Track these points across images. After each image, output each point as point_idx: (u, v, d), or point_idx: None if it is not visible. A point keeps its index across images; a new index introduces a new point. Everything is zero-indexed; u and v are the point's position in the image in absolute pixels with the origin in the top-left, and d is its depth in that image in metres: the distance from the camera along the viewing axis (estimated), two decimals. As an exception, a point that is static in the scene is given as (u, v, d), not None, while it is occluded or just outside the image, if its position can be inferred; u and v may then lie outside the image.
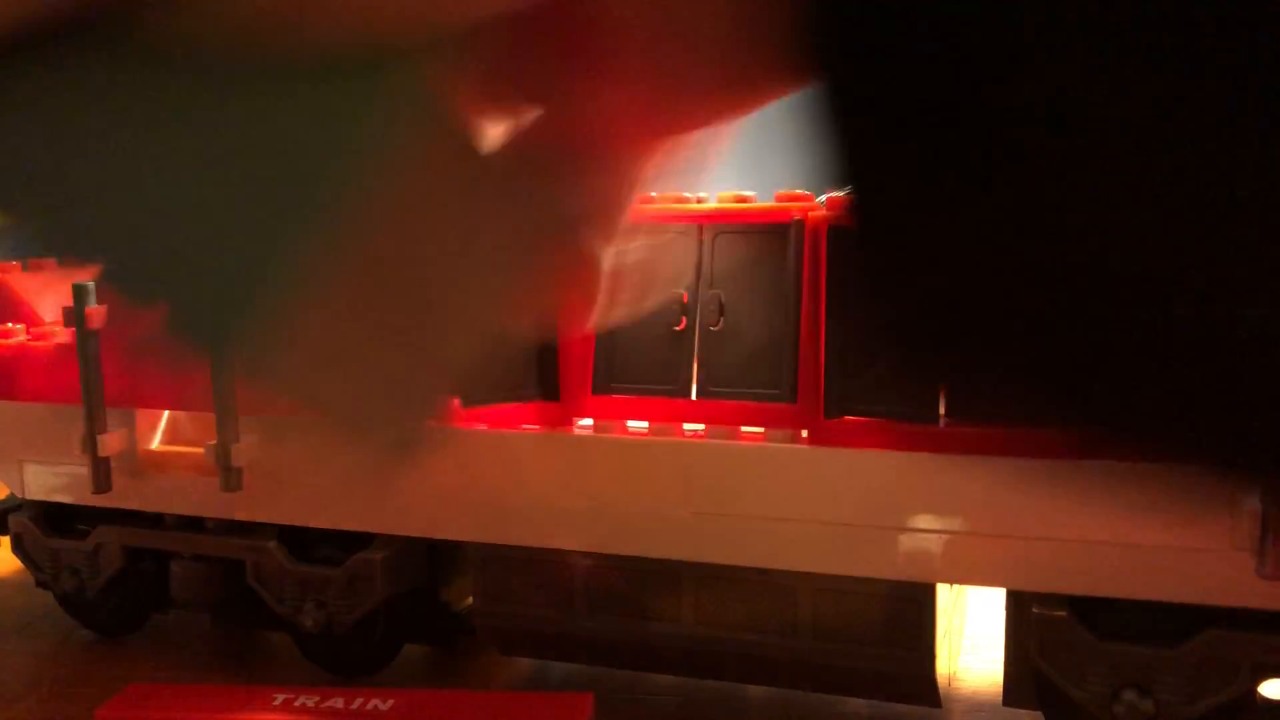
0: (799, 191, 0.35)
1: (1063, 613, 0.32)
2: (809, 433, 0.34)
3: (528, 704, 0.36)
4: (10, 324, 0.45)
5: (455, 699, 0.37)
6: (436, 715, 0.35)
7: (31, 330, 0.44)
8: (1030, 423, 0.17)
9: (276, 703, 0.36)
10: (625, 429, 0.36)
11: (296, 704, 0.36)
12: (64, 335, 0.44)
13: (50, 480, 0.44)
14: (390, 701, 0.36)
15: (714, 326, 0.35)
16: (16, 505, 0.47)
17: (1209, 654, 0.31)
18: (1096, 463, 0.31)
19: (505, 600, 0.39)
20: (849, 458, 0.33)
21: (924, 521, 0.33)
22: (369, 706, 0.35)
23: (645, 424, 0.36)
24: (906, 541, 0.33)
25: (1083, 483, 0.31)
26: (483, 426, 0.37)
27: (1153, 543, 0.30)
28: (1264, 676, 0.32)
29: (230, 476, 0.39)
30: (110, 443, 0.41)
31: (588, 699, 0.36)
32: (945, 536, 0.32)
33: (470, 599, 0.44)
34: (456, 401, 0.36)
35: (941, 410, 0.32)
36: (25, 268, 0.48)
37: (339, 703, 0.36)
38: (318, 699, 0.36)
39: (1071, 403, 0.11)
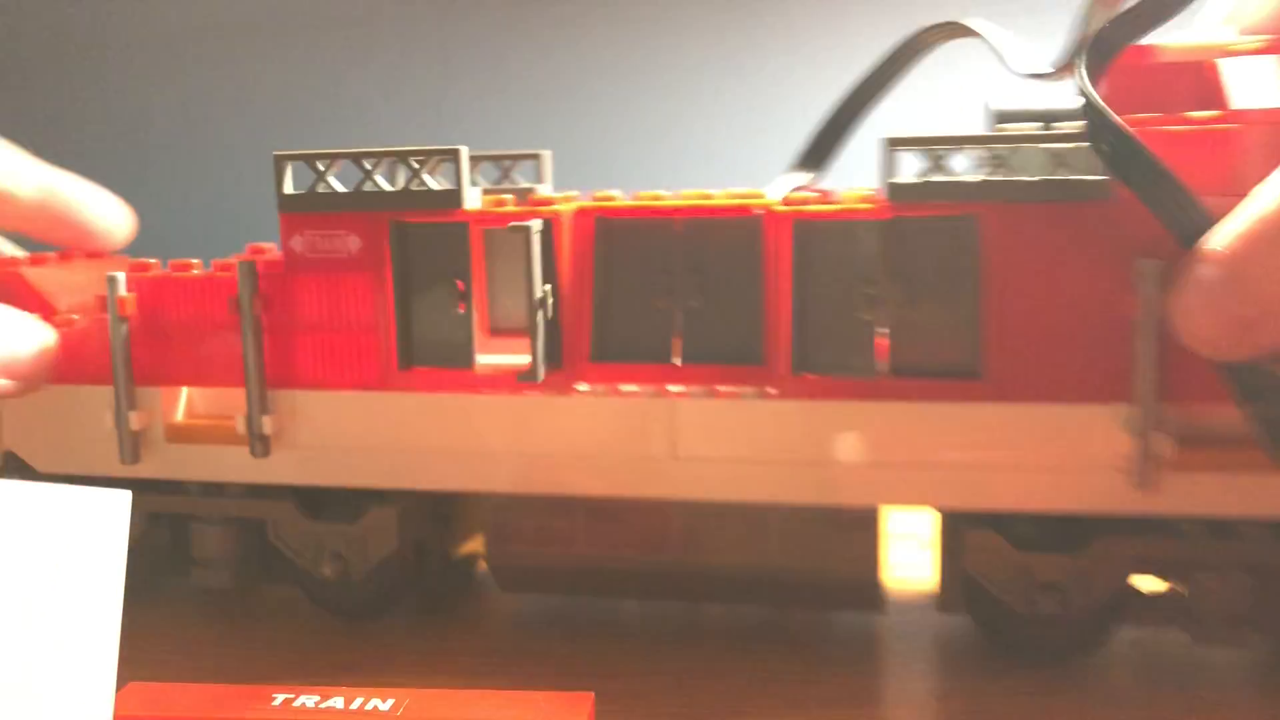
0: (750, 189, 0.43)
1: (991, 532, 0.40)
2: (775, 389, 0.41)
3: (528, 703, 0.36)
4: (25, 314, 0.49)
5: (456, 698, 0.37)
6: (437, 715, 0.35)
7: (50, 319, 0.48)
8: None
9: (276, 703, 0.36)
10: (619, 390, 0.42)
11: (296, 704, 0.36)
12: (83, 322, 0.48)
13: (71, 455, 0.48)
14: (390, 701, 0.35)
15: (694, 304, 0.41)
16: (27, 482, 0.50)
17: (1102, 556, 0.39)
18: (1005, 404, 0.39)
19: (513, 542, 0.45)
20: (809, 407, 0.40)
21: (871, 456, 0.40)
22: (369, 706, 0.35)
23: (636, 387, 0.42)
24: (857, 473, 0.40)
25: (994, 419, 0.39)
26: (493, 391, 0.43)
27: (1050, 466, 0.39)
28: (1138, 570, 0.41)
29: (259, 444, 0.45)
30: (139, 418, 0.46)
31: (588, 699, 0.36)
32: (887, 467, 0.40)
33: (465, 548, 0.50)
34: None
35: (882, 367, 0.40)
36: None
37: (339, 702, 0.36)
38: (318, 699, 0.36)
39: None
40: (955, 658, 0.43)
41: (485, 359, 0.43)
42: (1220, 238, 0.32)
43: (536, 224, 0.40)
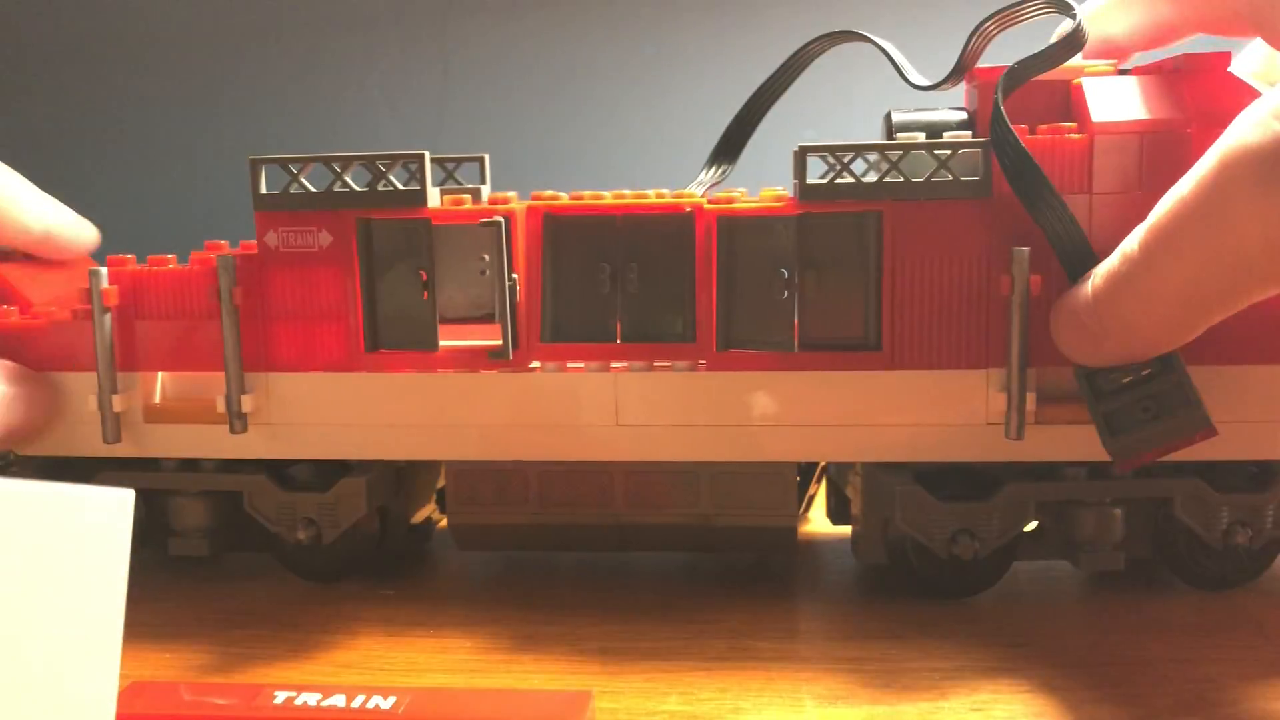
0: (686, 190, 0.49)
1: (916, 486, 0.46)
2: (705, 362, 0.47)
3: (528, 702, 0.37)
4: (5, 307, 0.52)
5: (456, 697, 0.37)
6: (437, 714, 0.36)
7: (28, 312, 0.52)
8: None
9: (278, 701, 0.36)
10: (567, 367, 0.48)
11: (297, 703, 0.36)
12: (62, 313, 0.51)
13: (52, 438, 0.52)
14: (392, 699, 0.36)
15: (632, 290, 0.47)
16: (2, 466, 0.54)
17: (1009, 501, 0.46)
18: (900, 372, 0.46)
19: (472, 504, 0.50)
20: (734, 378, 0.47)
21: (785, 419, 0.47)
22: (370, 705, 0.36)
23: (582, 363, 0.48)
24: (775, 434, 0.47)
25: (890, 384, 0.46)
26: (454, 369, 0.48)
27: (938, 422, 0.46)
28: (1037, 513, 0.47)
29: (238, 421, 0.49)
30: (121, 401, 0.50)
31: (587, 698, 0.36)
32: (801, 428, 0.46)
33: (422, 515, 0.55)
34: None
35: (796, 341, 0.46)
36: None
37: (340, 700, 0.36)
38: (319, 696, 0.37)
39: None
40: (927, 645, 0.45)
41: (445, 341, 0.49)
42: (1094, 273, 0.40)
43: (502, 219, 0.45)
